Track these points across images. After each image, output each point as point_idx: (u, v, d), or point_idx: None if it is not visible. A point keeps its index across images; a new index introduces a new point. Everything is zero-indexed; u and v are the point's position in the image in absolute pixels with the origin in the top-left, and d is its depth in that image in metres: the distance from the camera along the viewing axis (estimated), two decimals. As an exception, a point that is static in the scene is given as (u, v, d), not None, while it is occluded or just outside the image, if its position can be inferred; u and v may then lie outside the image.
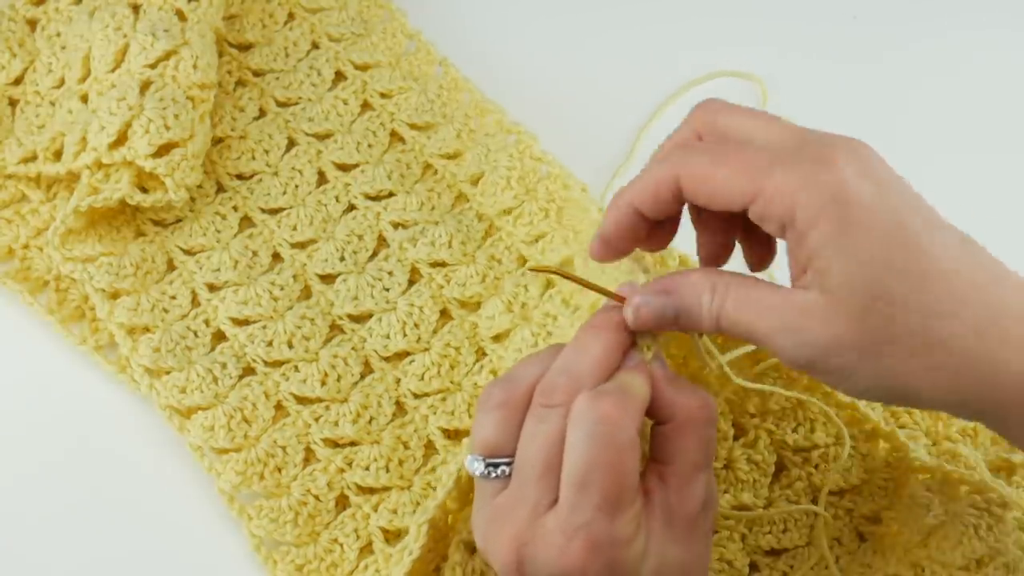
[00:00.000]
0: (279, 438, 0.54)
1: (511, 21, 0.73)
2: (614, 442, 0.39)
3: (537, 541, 0.39)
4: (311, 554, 0.52)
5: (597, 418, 0.39)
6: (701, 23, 0.73)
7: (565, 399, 0.40)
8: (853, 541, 0.52)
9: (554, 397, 0.41)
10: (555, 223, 0.60)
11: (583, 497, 0.39)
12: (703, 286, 0.40)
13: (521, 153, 0.62)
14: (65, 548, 0.53)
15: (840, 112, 0.68)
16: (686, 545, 0.41)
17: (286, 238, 0.61)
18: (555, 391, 0.41)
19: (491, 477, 0.41)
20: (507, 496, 0.41)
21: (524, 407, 0.42)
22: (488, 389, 0.43)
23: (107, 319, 0.57)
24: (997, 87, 0.70)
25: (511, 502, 0.40)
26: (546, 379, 0.42)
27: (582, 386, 0.41)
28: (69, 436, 0.56)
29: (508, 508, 0.40)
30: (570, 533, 0.39)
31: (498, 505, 0.41)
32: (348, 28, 0.69)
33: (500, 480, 0.41)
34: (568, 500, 0.39)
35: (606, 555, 0.39)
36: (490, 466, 0.41)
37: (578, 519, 0.39)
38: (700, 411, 0.42)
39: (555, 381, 0.41)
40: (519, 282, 0.59)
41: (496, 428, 0.42)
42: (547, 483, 0.40)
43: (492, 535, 0.41)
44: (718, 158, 0.40)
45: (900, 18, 0.73)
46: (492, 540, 0.41)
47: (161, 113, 0.58)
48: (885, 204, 0.38)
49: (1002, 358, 0.37)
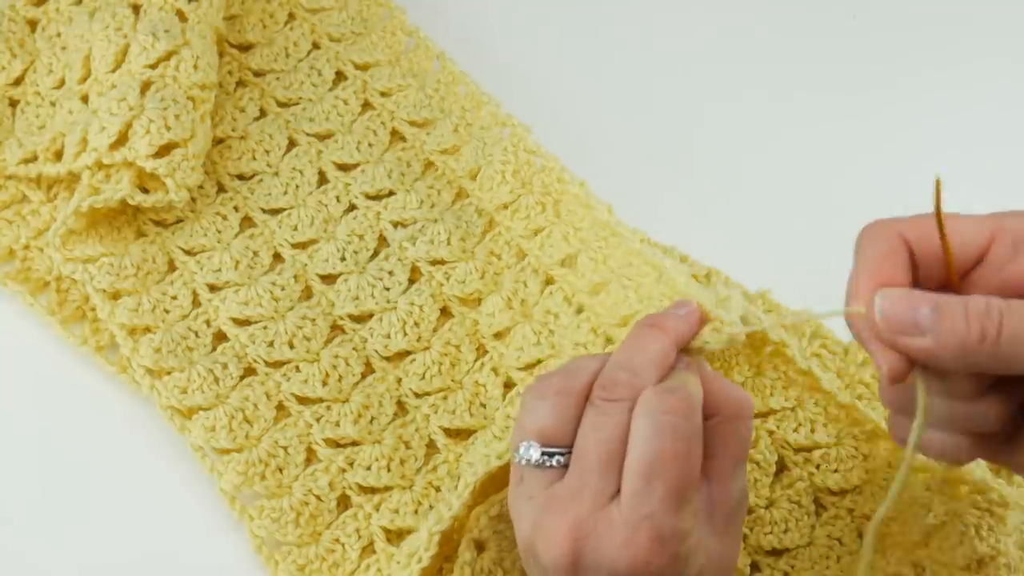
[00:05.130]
0: (280, 438, 0.54)
1: (510, 16, 0.73)
2: (681, 434, 0.40)
3: (600, 532, 0.39)
4: (313, 554, 0.53)
5: (666, 411, 0.40)
6: (698, 16, 0.73)
7: (627, 394, 0.41)
8: (854, 541, 0.52)
9: (616, 392, 0.41)
10: (553, 217, 0.60)
11: (649, 489, 0.39)
12: (979, 309, 0.38)
13: (515, 147, 0.62)
14: (66, 548, 0.53)
15: (840, 113, 0.68)
16: (723, 539, 0.42)
17: (287, 238, 0.61)
18: (616, 385, 0.41)
19: (546, 466, 0.41)
20: (565, 486, 0.41)
21: (583, 398, 0.42)
22: (544, 378, 0.43)
23: (108, 320, 0.57)
24: (998, 87, 0.71)
25: (570, 492, 0.40)
26: (606, 373, 0.42)
27: (643, 382, 0.41)
28: (70, 437, 0.56)
29: (567, 499, 0.40)
30: (635, 524, 0.39)
31: (555, 495, 0.41)
32: (348, 27, 0.69)
33: (555, 470, 0.41)
34: (633, 491, 0.39)
35: (671, 548, 0.39)
36: (546, 454, 0.41)
37: (644, 510, 0.39)
38: (742, 406, 0.43)
39: (616, 376, 0.42)
40: (518, 278, 0.59)
41: (553, 415, 0.42)
42: (609, 475, 0.40)
43: (546, 525, 0.40)
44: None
45: (900, 18, 0.73)
46: (546, 530, 0.40)
47: (162, 113, 0.58)
48: None
49: None
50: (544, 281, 0.59)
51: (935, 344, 0.37)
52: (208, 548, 0.54)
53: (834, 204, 0.65)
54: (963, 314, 0.37)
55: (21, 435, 0.56)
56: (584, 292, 0.57)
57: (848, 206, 0.65)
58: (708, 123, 0.68)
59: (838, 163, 0.66)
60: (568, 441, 0.41)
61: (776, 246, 0.62)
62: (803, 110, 0.69)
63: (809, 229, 0.64)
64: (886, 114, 0.69)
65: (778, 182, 0.66)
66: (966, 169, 0.66)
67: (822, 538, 0.52)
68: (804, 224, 0.64)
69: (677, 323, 0.44)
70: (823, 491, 0.53)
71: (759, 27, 0.72)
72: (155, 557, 0.53)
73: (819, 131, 0.68)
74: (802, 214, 0.64)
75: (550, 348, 0.56)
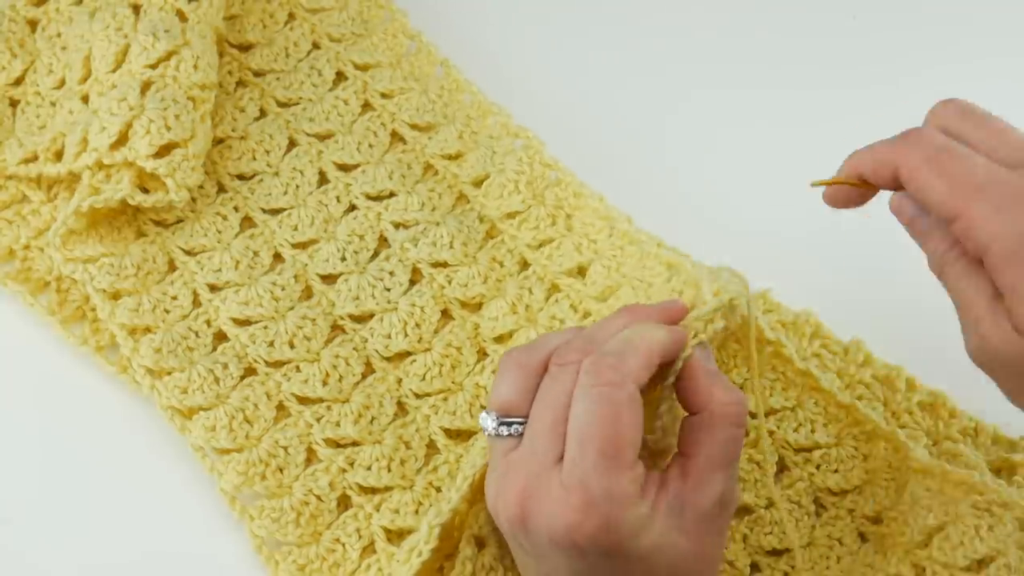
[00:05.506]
0: (281, 438, 0.55)
1: (513, 24, 0.73)
2: (611, 399, 0.40)
3: (541, 494, 0.40)
4: (313, 554, 0.53)
5: (595, 378, 0.40)
6: (698, 17, 0.73)
7: (577, 358, 0.42)
8: (855, 542, 0.52)
9: (567, 358, 0.42)
10: (563, 230, 0.60)
11: (582, 452, 0.40)
12: (951, 237, 0.42)
13: (531, 158, 0.62)
14: (66, 548, 0.53)
15: (840, 113, 0.68)
16: (695, 538, 0.41)
17: (287, 238, 0.61)
18: (569, 352, 0.42)
19: (503, 435, 0.43)
20: (519, 452, 0.42)
21: (542, 370, 0.43)
22: (508, 352, 0.44)
23: (108, 320, 0.57)
24: (998, 87, 0.70)
25: (521, 457, 0.42)
26: (564, 343, 0.43)
27: (595, 351, 0.42)
28: (70, 437, 0.56)
29: (519, 462, 0.41)
30: (569, 486, 0.40)
31: (509, 460, 0.42)
32: (349, 28, 0.69)
33: (512, 439, 0.43)
34: (571, 455, 0.40)
35: (601, 510, 0.39)
36: (503, 424, 0.43)
37: (577, 473, 0.40)
38: (729, 407, 0.43)
39: (573, 343, 0.43)
40: (523, 285, 0.59)
41: (512, 387, 0.43)
42: (556, 439, 0.41)
43: (501, 490, 0.42)
44: (934, 166, 0.41)
45: (900, 18, 0.73)
46: (501, 495, 0.42)
47: (162, 113, 0.58)
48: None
49: None
50: (549, 289, 0.59)
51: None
52: (208, 548, 0.54)
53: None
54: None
55: (21, 435, 0.56)
56: (592, 298, 0.57)
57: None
58: (708, 123, 0.68)
59: (838, 163, 0.66)
60: (526, 411, 0.43)
61: (776, 246, 0.62)
62: (803, 110, 0.69)
63: (809, 229, 0.63)
64: (886, 114, 0.68)
65: (778, 182, 0.66)
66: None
67: (822, 538, 0.52)
68: (804, 224, 0.64)
69: (651, 311, 0.45)
70: (823, 491, 0.53)
71: (759, 27, 0.73)
72: (155, 557, 0.53)
73: (819, 131, 0.67)
74: (802, 214, 0.64)
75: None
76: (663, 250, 0.57)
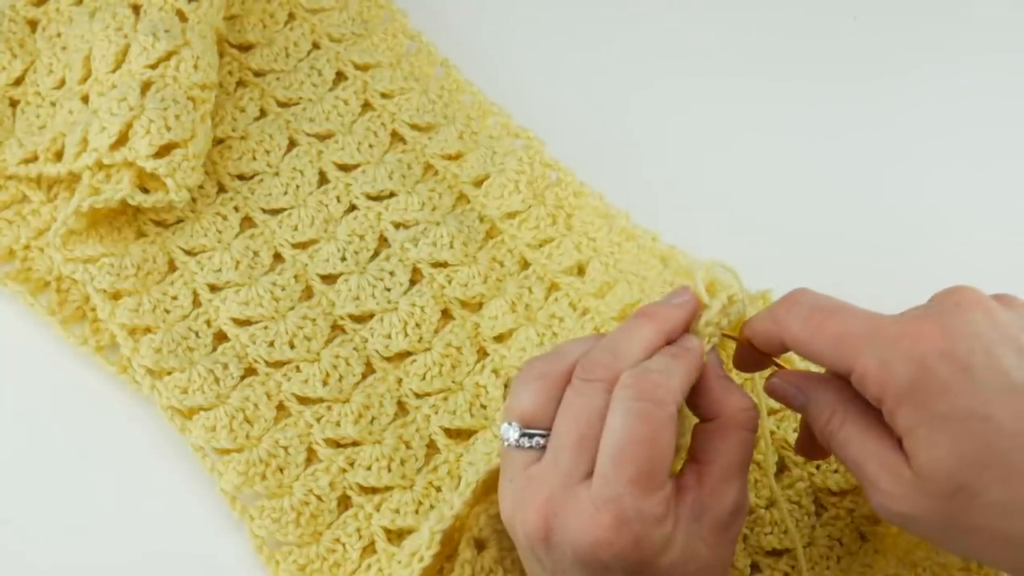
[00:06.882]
0: (281, 438, 0.55)
1: (513, 24, 0.73)
2: (652, 418, 0.40)
3: (568, 510, 0.40)
4: (313, 554, 0.53)
5: (637, 394, 0.40)
6: (698, 17, 0.73)
7: (605, 375, 0.41)
8: (854, 541, 0.52)
9: (594, 372, 0.42)
10: (563, 229, 0.60)
11: (617, 470, 0.39)
12: (830, 407, 0.42)
13: (531, 158, 0.62)
14: (66, 549, 0.53)
15: (840, 113, 0.68)
16: (711, 546, 0.41)
17: (287, 238, 0.61)
18: (595, 367, 0.42)
19: (525, 447, 0.42)
20: (541, 466, 0.41)
21: (564, 381, 0.42)
22: (530, 362, 0.44)
23: (108, 320, 0.57)
24: (998, 87, 0.71)
25: (544, 471, 0.41)
26: (588, 355, 0.43)
27: (623, 365, 0.41)
28: (70, 437, 0.56)
29: (541, 477, 0.41)
30: (600, 504, 0.39)
31: (532, 474, 0.41)
32: (349, 28, 0.69)
33: (533, 451, 0.42)
34: (602, 472, 0.40)
35: (634, 530, 0.39)
36: (525, 435, 0.42)
37: (610, 491, 0.39)
38: (743, 413, 0.43)
39: (597, 357, 0.42)
40: (523, 284, 0.59)
41: (534, 399, 0.42)
42: (582, 455, 0.40)
43: (522, 503, 0.41)
44: (812, 329, 0.42)
45: (900, 19, 0.73)
46: (521, 508, 0.41)
47: (162, 114, 0.58)
48: (968, 392, 0.38)
49: None
50: (549, 288, 0.59)
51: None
52: (208, 548, 0.54)
53: (834, 204, 0.65)
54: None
55: (21, 435, 0.56)
56: (590, 295, 0.57)
57: (848, 205, 0.65)
58: (708, 123, 0.68)
59: (839, 163, 0.66)
60: (548, 423, 0.42)
61: (776, 246, 0.62)
62: (803, 110, 0.69)
63: (810, 229, 0.64)
64: (886, 114, 0.69)
65: (778, 182, 0.66)
66: (966, 169, 0.67)
67: (822, 538, 0.52)
68: (805, 224, 0.64)
69: (670, 311, 0.44)
70: (823, 491, 0.53)
71: (759, 28, 0.73)
72: (155, 557, 0.53)
73: (819, 131, 0.68)
74: (802, 214, 0.64)
75: (552, 349, 0.56)
76: (657, 244, 0.57)
